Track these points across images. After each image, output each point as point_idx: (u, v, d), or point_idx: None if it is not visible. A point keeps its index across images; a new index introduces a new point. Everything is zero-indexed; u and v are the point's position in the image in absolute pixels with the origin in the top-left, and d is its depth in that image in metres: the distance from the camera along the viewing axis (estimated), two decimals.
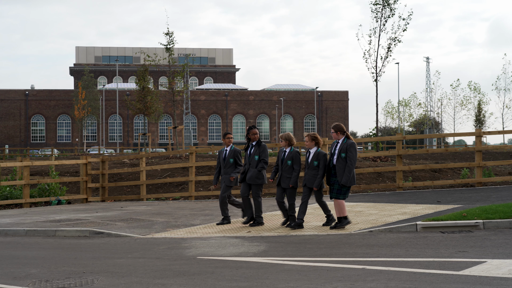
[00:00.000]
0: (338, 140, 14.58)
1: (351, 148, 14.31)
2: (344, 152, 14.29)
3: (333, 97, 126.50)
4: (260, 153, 15.75)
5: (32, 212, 21.22)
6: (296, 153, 15.19)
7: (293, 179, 14.97)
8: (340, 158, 14.32)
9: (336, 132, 14.60)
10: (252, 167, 15.72)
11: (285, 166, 15.12)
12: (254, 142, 15.93)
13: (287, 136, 15.33)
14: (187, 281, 9.54)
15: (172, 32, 53.25)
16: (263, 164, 15.70)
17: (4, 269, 11.18)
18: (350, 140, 14.50)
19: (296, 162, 15.07)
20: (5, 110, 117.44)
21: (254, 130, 15.95)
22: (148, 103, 62.77)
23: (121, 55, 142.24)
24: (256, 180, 15.66)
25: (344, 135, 14.57)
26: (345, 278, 9.29)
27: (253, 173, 15.66)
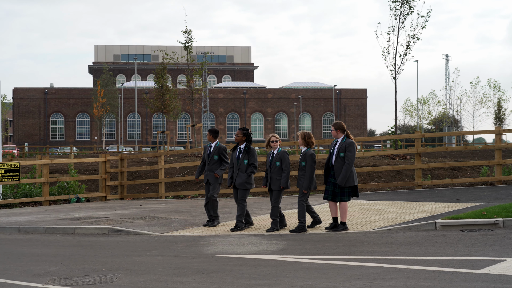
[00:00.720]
0: (338, 139, 14.28)
1: (350, 147, 14.02)
2: (343, 152, 14.01)
3: (351, 95, 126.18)
4: (249, 157, 15.30)
5: (51, 210, 21.32)
6: (284, 153, 14.77)
7: (284, 180, 14.60)
8: (339, 157, 14.03)
9: (336, 130, 14.29)
10: (242, 171, 15.25)
11: (274, 168, 14.75)
12: (242, 145, 15.47)
13: (276, 138, 14.98)
14: (205, 278, 9.55)
15: (191, 30, 53.34)
16: (253, 169, 15.26)
17: (24, 266, 11.24)
18: (350, 139, 14.21)
19: (285, 162, 14.66)
20: (24, 108, 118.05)
21: (237, 132, 15.52)
22: (167, 101, 62.91)
23: (139, 54, 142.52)
24: (245, 185, 15.21)
25: (344, 133, 14.30)
26: (364, 276, 9.26)
27: (242, 178, 15.21)
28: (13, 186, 24.81)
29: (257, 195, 24.60)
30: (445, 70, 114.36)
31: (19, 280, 9.93)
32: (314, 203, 18.40)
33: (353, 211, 17.24)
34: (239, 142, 15.47)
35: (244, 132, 15.41)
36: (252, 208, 19.06)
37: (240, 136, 15.40)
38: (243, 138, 15.41)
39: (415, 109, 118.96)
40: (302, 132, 14.76)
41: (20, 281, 9.83)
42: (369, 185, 23.05)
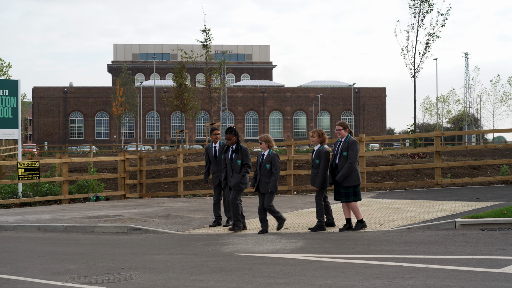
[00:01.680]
0: (342, 138, 14.23)
1: (353, 145, 13.96)
2: (346, 150, 13.97)
3: (370, 94, 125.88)
4: (243, 157, 14.94)
5: (71, 209, 21.41)
6: (275, 156, 14.48)
7: (272, 184, 14.30)
8: (342, 156, 14.00)
9: (344, 128, 14.21)
10: (236, 172, 14.90)
11: (264, 170, 14.45)
12: (234, 145, 15.12)
13: (266, 138, 14.65)
14: (224, 277, 9.56)
15: (209, 29, 53.46)
16: (247, 169, 14.94)
17: (44, 264, 11.30)
18: (352, 138, 14.18)
19: (275, 165, 14.38)
20: (44, 107, 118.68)
21: (227, 136, 15.07)
22: (185, 100, 63.04)
23: (158, 52, 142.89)
24: (240, 186, 14.86)
25: (347, 132, 14.26)
26: (383, 275, 9.23)
27: (237, 179, 14.85)
28: (33, 184, 24.95)
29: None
30: (465, 68, 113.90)
31: (39, 278, 9.99)
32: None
33: (372, 209, 17.20)
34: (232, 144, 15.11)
35: (234, 133, 15.06)
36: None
37: (234, 138, 15.06)
38: (235, 139, 15.12)
39: (435, 108, 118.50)
40: (317, 129, 14.72)
41: (40, 279, 9.88)
42: (388, 183, 22.97)
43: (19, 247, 13.84)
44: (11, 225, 17.21)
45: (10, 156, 58.45)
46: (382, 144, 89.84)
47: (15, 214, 20.13)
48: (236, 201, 14.86)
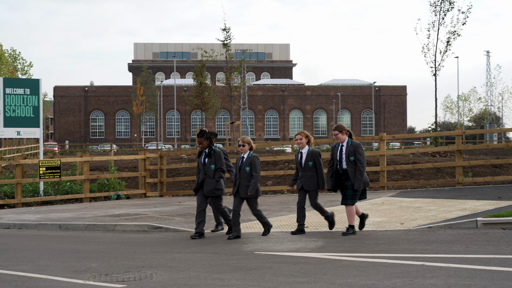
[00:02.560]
0: (342, 142, 13.76)
1: (359, 149, 13.56)
2: (353, 155, 13.51)
3: (391, 92, 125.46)
4: (216, 161, 14.20)
5: (92, 207, 21.50)
6: (255, 158, 13.99)
7: (252, 187, 13.80)
8: (350, 162, 13.54)
9: (341, 132, 13.71)
10: (209, 177, 14.16)
11: (243, 173, 13.94)
12: (206, 150, 14.39)
13: (247, 140, 14.15)
14: (244, 276, 9.56)
15: (229, 27, 53.46)
16: (221, 173, 14.18)
17: (65, 262, 11.35)
18: (355, 141, 13.76)
19: (255, 168, 13.88)
20: (65, 106, 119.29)
21: (198, 140, 14.37)
22: (206, 98, 63.14)
23: (178, 51, 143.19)
24: (215, 192, 14.15)
25: (347, 135, 13.81)
26: (404, 274, 9.20)
27: (211, 185, 14.11)
28: (54, 183, 25.08)
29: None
30: (486, 66, 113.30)
31: (60, 276, 10.03)
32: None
33: (392, 208, 17.15)
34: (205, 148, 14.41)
35: (205, 137, 14.32)
36: (291, 206, 19.05)
37: (205, 142, 14.33)
38: (207, 143, 14.36)
39: (456, 106, 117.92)
40: (303, 131, 14.29)
41: (61, 277, 9.92)
42: (409, 182, 22.89)
43: (41, 245, 13.92)
44: (32, 223, 17.32)
45: (31, 154, 58.82)
46: (402, 142, 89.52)
47: (37, 212, 20.25)
48: (220, 209, 14.36)
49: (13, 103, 24.32)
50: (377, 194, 21.24)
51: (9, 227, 17.42)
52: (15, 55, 78.30)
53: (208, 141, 14.34)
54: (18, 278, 10.01)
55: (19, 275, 10.23)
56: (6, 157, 47.00)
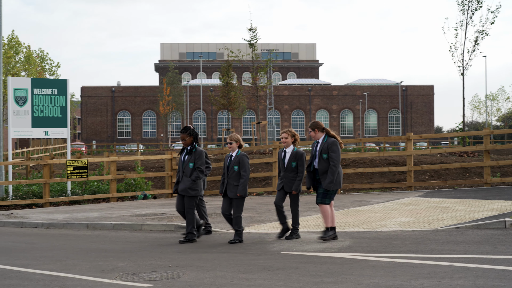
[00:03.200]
0: (318, 140, 13.08)
1: (333, 146, 12.79)
2: (326, 153, 12.80)
3: (418, 92, 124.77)
4: (196, 160, 13.59)
5: (119, 207, 21.60)
6: (244, 156, 13.43)
7: (241, 187, 13.28)
8: (322, 159, 12.84)
9: (314, 130, 13.06)
10: (186, 175, 13.60)
11: (232, 173, 13.39)
12: (189, 147, 13.80)
13: (236, 137, 13.58)
14: (271, 276, 9.55)
15: (255, 27, 53.46)
16: (198, 173, 13.53)
17: (92, 262, 11.41)
18: (331, 138, 12.99)
19: (244, 167, 13.35)
20: (92, 106, 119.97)
21: (181, 136, 13.81)
22: (232, 98, 63.17)
23: (204, 51, 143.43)
24: (189, 191, 13.54)
25: (323, 132, 13.10)
26: (432, 275, 9.14)
27: (186, 183, 13.55)
28: (82, 183, 25.22)
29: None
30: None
31: (87, 275, 10.09)
32: (386, 199, 18.25)
33: (420, 208, 17.06)
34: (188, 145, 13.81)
35: (188, 133, 13.74)
36: (317, 206, 18.99)
37: (188, 139, 13.73)
38: (191, 139, 13.75)
39: (484, 106, 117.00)
40: (289, 129, 13.72)
41: (88, 276, 9.98)
42: (436, 182, 22.76)
43: (68, 244, 14.00)
44: (60, 223, 17.43)
45: (59, 154, 59.24)
46: (430, 142, 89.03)
47: (64, 212, 20.38)
48: (191, 210, 13.66)
49: (41, 103, 24.49)
50: (404, 194, 21.14)
51: (37, 226, 17.55)
52: (43, 56, 78.84)
53: (192, 138, 13.74)
54: (46, 277, 10.08)
55: (47, 274, 10.31)
56: (34, 157, 47.36)
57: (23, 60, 67.01)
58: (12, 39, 64.27)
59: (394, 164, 26.83)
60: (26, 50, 69.97)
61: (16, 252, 13.06)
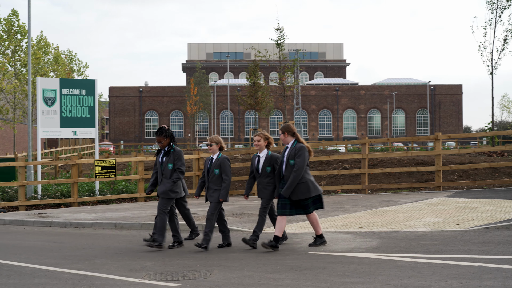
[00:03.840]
0: (288, 144, 12.43)
1: (299, 152, 12.14)
2: (293, 159, 12.13)
3: (446, 91, 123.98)
4: (175, 161, 13.09)
5: (146, 206, 21.67)
6: (225, 159, 12.84)
7: (224, 192, 12.68)
8: (289, 165, 12.16)
9: (284, 133, 12.43)
10: (166, 177, 13.07)
11: (212, 176, 12.82)
12: (166, 148, 13.27)
13: (217, 139, 13.05)
14: (298, 275, 9.53)
15: (283, 27, 53.44)
16: (179, 174, 13.06)
17: (121, 261, 11.47)
18: (300, 143, 12.36)
19: (225, 171, 12.75)
20: (120, 106, 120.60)
21: (157, 138, 13.21)
22: (259, 98, 63.16)
23: (232, 51, 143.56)
24: (169, 194, 13.04)
25: (294, 137, 12.46)
26: (460, 275, 9.07)
27: (166, 186, 13.01)
28: (110, 182, 25.34)
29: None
30: None
31: (116, 274, 10.13)
32: (416, 199, 18.14)
33: (448, 209, 16.94)
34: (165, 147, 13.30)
35: (165, 134, 13.22)
36: (345, 206, 18.97)
37: (165, 141, 13.23)
38: (168, 141, 13.25)
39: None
40: (262, 132, 13.01)
41: (117, 276, 10.02)
42: (464, 182, 22.59)
43: (97, 244, 14.07)
44: (88, 222, 17.53)
45: (87, 154, 59.60)
46: (458, 142, 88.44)
47: (93, 211, 20.49)
48: (164, 211, 13.05)
49: (70, 103, 24.65)
50: (432, 194, 21.01)
51: (66, 226, 17.66)
52: (71, 56, 79.33)
53: (169, 139, 13.22)
54: (74, 276, 10.14)
55: (75, 273, 10.37)
56: (62, 156, 47.70)
57: (52, 61, 67.43)
58: (41, 40, 64.69)
59: (422, 164, 26.67)
60: (54, 50, 70.43)
61: (45, 251, 13.15)
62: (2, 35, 52.18)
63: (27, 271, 10.71)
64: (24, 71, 53.27)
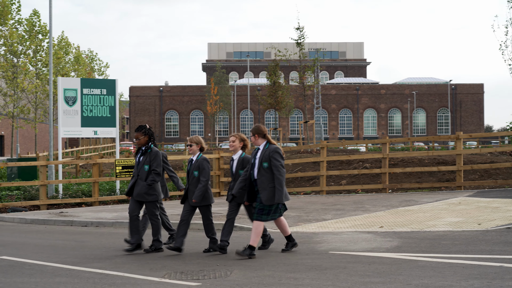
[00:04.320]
0: (259, 146, 11.78)
1: (275, 154, 11.45)
2: (267, 161, 11.44)
3: (467, 90, 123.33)
4: (151, 162, 12.50)
5: (167, 206, 21.71)
6: (203, 161, 12.41)
7: (198, 193, 12.15)
8: (262, 169, 11.46)
9: (254, 135, 11.82)
10: (141, 179, 12.48)
11: (192, 179, 12.36)
12: (143, 147, 12.71)
13: (197, 140, 12.65)
14: (319, 275, 9.51)
15: (303, 27, 53.28)
16: (154, 176, 12.42)
17: (141, 260, 11.50)
18: (273, 145, 11.69)
19: (203, 172, 12.29)
20: (140, 106, 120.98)
21: (135, 134, 12.71)
22: (279, 98, 63.06)
23: (252, 51, 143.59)
24: (145, 196, 12.42)
25: (265, 139, 11.82)
26: (482, 275, 9.02)
27: (142, 188, 12.42)
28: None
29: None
30: None
31: (136, 273, 10.16)
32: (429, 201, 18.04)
33: (469, 208, 16.85)
34: (143, 145, 12.75)
35: (143, 132, 12.69)
36: (365, 205, 18.92)
37: (142, 138, 12.70)
38: (146, 139, 12.71)
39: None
40: (238, 133, 12.43)
41: (137, 275, 10.05)
42: (486, 182, 22.46)
43: (117, 243, 14.11)
44: (109, 222, 17.59)
45: (108, 154, 59.85)
46: (479, 141, 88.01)
47: (113, 210, 20.57)
48: (154, 216, 12.55)
49: (90, 103, 24.75)
50: (453, 194, 20.91)
51: (87, 225, 17.74)
52: (92, 56, 79.77)
53: (147, 138, 12.69)
54: (95, 275, 10.18)
55: (96, 272, 10.41)
56: (83, 156, 47.94)
57: (73, 61, 67.87)
58: (62, 40, 65.13)
59: (443, 164, 26.55)
60: (75, 50, 70.88)
61: (66, 250, 13.22)
62: (24, 35, 52.54)
63: (48, 270, 10.77)
64: (46, 71, 53.64)
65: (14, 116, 53.16)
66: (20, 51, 52.51)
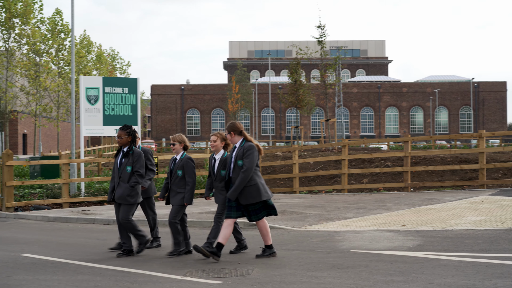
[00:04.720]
0: (236, 144, 11.49)
1: (248, 151, 11.18)
2: (241, 159, 11.18)
3: (490, 88, 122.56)
4: (134, 163, 12.13)
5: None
6: (188, 160, 12.10)
7: (188, 195, 12.00)
8: (237, 167, 11.19)
9: (230, 133, 11.54)
10: (123, 181, 12.13)
11: (175, 178, 12.10)
12: (126, 148, 12.29)
13: (180, 138, 12.34)
14: (340, 274, 9.50)
15: (324, 25, 53.36)
16: (137, 178, 12.11)
17: (163, 258, 11.57)
18: (249, 142, 11.42)
19: (189, 172, 12.04)
20: (162, 104, 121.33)
21: (118, 133, 12.26)
22: (300, 96, 63.04)
23: (273, 49, 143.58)
24: (127, 199, 12.07)
25: (241, 136, 11.54)
26: (505, 274, 8.96)
27: (124, 191, 12.08)
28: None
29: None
30: None
31: (158, 271, 10.20)
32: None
33: (492, 207, 16.74)
34: (124, 145, 12.34)
35: (128, 132, 12.26)
36: (387, 204, 18.86)
37: (125, 138, 12.26)
38: (128, 139, 12.29)
39: None
40: (219, 132, 12.20)
41: (159, 273, 10.09)
42: (509, 180, 22.32)
43: None
44: None
45: None
46: (503, 140, 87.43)
47: None
48: (127, 220, 12.10)
49: (112, 101, 24.82)
50: (476, 193, 20.79)
51: (109, 223, 17.81)
52: (113, 55, 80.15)
53: (130, 139, 12.28)
54: (117, 273, 10.22)
55: (118, 270, 10.46)
56: (105, 154, 48.12)
57: (95, 59, 68.17)
58: (84, 39, 65.41)
59: (466, 162, 26.40)
60: (97, 49, 71.20)
61: (89, 248, 13.29)
62: (46, 34, 52.88)
63: (70, 267, 10.83)
64: (68, 70, 53.91)
65: (36, 115, 53.55)
66: (42, 50, 52.90)
